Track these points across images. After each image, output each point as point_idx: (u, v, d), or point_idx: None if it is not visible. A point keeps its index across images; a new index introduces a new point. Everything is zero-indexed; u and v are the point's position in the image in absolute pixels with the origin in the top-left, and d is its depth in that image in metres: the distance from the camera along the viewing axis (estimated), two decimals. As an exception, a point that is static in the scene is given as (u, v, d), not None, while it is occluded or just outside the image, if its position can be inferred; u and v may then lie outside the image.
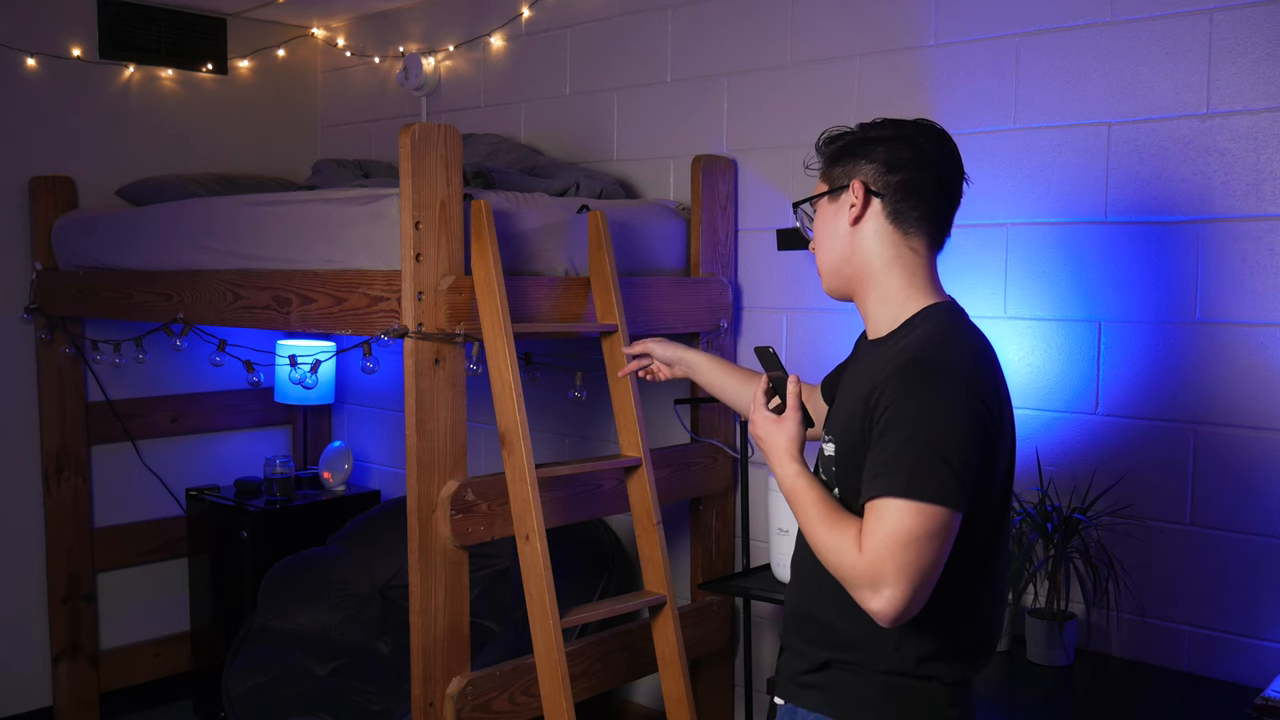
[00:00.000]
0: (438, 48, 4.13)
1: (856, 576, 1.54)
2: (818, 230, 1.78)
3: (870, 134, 1.73)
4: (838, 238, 1.73)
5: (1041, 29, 2.71)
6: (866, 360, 1.74)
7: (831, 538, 1.59)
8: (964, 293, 2.83)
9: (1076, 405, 2.69)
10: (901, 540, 1.51)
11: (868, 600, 1.54)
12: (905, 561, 1.51)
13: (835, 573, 1.60)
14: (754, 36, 3.25)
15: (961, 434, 1.54)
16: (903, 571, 1.51)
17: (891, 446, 1.54)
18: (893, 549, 1.51)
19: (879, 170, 1.70)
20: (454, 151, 2.57)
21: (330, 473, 4.17)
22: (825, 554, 1.61)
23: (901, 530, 1.51)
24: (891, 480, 1.53)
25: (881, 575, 1.51)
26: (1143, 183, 2.59)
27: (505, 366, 2.53)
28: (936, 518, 1.51)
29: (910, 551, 1.51)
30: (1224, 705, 2.37)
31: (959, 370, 1.58)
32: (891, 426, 1.55)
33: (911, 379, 1.57)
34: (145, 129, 4.14)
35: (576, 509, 2.83)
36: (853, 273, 1.74)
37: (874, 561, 1.52)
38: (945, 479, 1.52)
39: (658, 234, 3.14)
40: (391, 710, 3.34)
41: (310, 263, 2.86)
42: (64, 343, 3.88)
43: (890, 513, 1.52)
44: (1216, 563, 2.51)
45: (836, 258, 1.74)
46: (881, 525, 1.53)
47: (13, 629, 3.91)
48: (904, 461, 1.53)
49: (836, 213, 1.73)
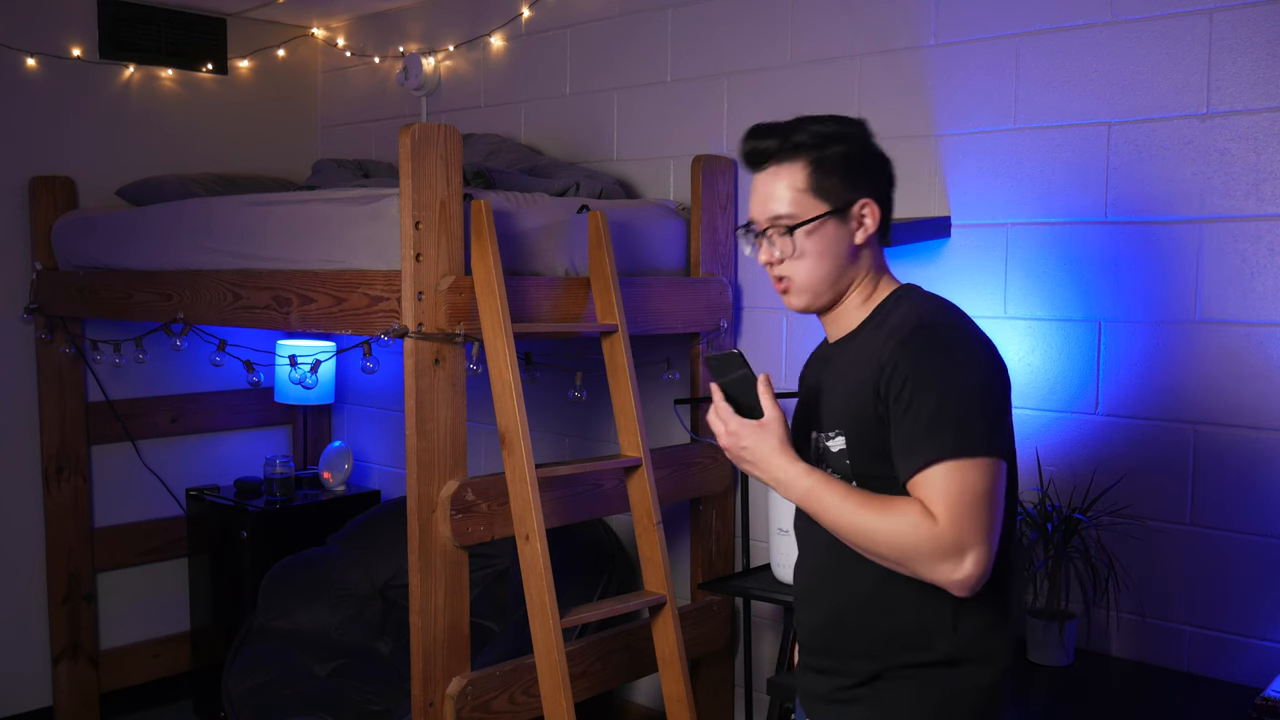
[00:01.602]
0: (438, 48, 4.13)
1: (938, 548, 1.49)
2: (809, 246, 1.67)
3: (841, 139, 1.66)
4: (837, 256, 1.67)
5: (1041, 29, 2.71)
6: (844, 356, 1.70)
7: (891, 520, 1.53)
8: (964, 292, 2.85)
9: (1076, 405, 2.69)
10: (973, 498, 1.49)
11: (950, 571, 1.49)
12: (981, 519, 1.49)
13: (901, 554, 1.52)
14: (754, 36, 3.25)
15: (987, 386, 1.55)
16: (982, 530, 1.49)
17: (926, 412, 1.52)
18: (969, 509, 1.49)
19: (871, 180, 1.67)
20: (454, 151, 2.57)
21: (330, 473, 4.17)
22: (888, 538, 1.53)
23: (969, 488, 1.49)
24: (940, 442, 1.50)
25: (964, 539, 1.48)
26: (1143, 183, 2.59)
27: (505, 366, 2.53)
28: (993, 469, 1.51)
29: (983, 508, 1.49)
30: (1224, 705, 2.37)
31: (966, 330, 1.60)
32: (919, 394, 1.53)
33: (924, 344, 1.55)
34: (145, 129, 4.14)
35: (576, 509, 2.83)
36: (842, 287, 1.70)
37: (954, 527, 1.48)
38: (988, 430, 1.52)
39: (658, 234, 3.14)
40: (391, 710, 3.34)
41: (310, 263, 2.86)
42: (64, 343, 3.88)
43: (952, 474, 1.50)
44: (1216, 563, 2.51)
45: (830, 274, 1.68)
46: (948, 488, 1.49)
47: (13, 629, 3.91)
48: (946, 422, 1.51)
49: (841, 231, 1.66)
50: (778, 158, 1.67)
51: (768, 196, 1.68)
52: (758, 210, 1.71)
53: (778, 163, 1.67)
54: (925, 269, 2.90)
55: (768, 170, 1.69)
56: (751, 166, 1.71)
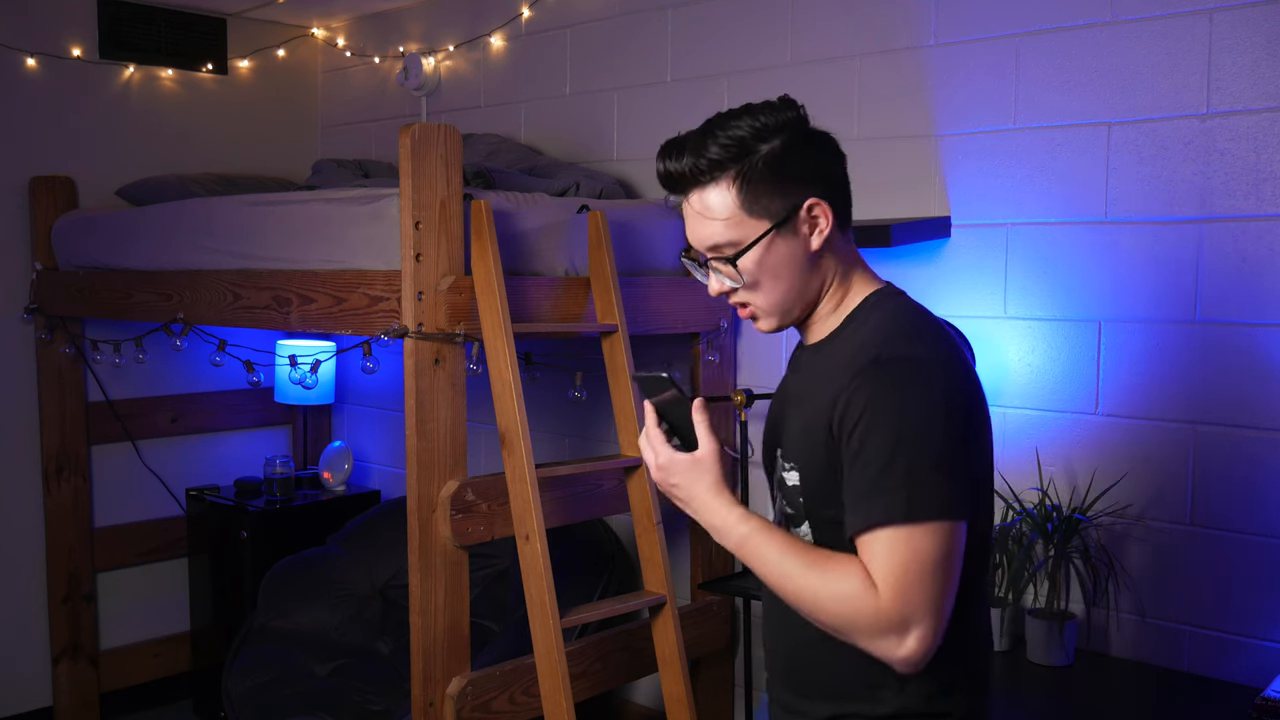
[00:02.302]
0: (438, 48, 4.13)
1: (878, 623, 1.33)
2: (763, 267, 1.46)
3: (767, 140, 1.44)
4: (796, 269, 1.47)
5: (1041, 29, 2.71)
6: (812, 368, 1.53)
7: (827, 584, 1.37)
8: (964, 293, 2.85)
9: (1076, 405, 2.69)
10: (920, 569, 1.32)
11: (893, 649, 1.34)
12: (930, 591, 1.32)
13: (837, 625, 1.37)
14: (754, 36, 3.25)
15: (948, 433, 1.36)
16: (930, 603, 1.32)
17: (877, 464, 1.34)
18: (915, 581, 1.32)
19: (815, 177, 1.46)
20: (454, 151, 2.57)
21: (330, 473, 4.17)
22: (820, 605, 1.38)
23: (917, 558, 1.32)
24: (888, 503, 1.33)
25: (908, 614, 1.32)
26: (1143, 183, 2.59)
27: (505, 366, 2.53)
28: (947, 535, 1.34)
29: (932, 578, 1.32)
30: (1224, 705, 2.37)
31: (927, 362, 1.40)
32: (871, 439, 1.35)
33: (880, 381, 1.37)
34: (145, 129, 4.14)
35: (576, 509, 2.83)
36: (811, 297, 1.50)
37: (898, 601, 1.32)
38: (945, 488, 1.34)
39: (658, 234, 3.13)
40: (391, 710, 3.34)
41: (310, 263, 2.86)
42: (64, 343, 3.88)
43: (898, 541, 1.33)
44: (1216, 563, 2.51)
45: (792, 291, 1.48)
46: (893, 558, 1.33)
47: (13, 629, 3.91)
48: (897, 478, 1.33)
49: (793, 242, 1.46)
50: (697, 182, 1.46)
51: (699, 225, 1.48)
52: (694, 238, 1.50)
53: (699, 187, 1.46)
54: (925, 269, 2.90)
55: (691, 196, 1.47)
56: (672, 191, 1.50)
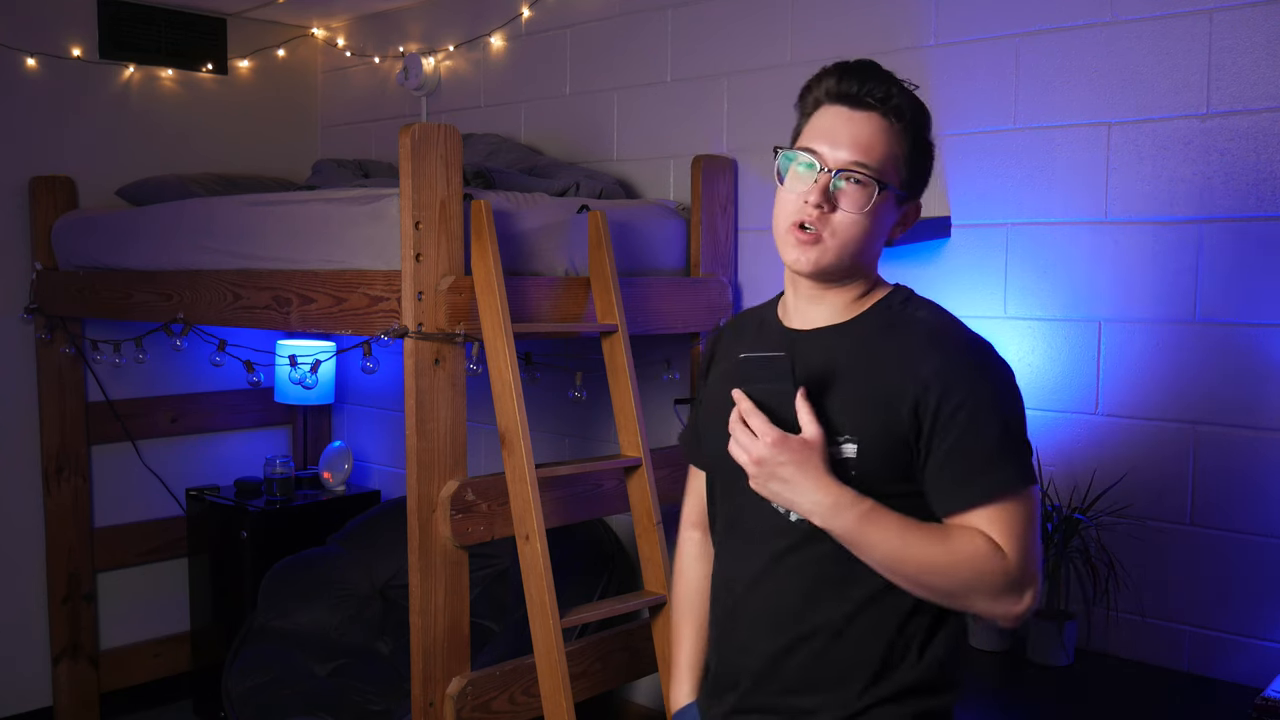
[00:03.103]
0: (438, 48, 4.13)
1: (1008, 583, 1.46)
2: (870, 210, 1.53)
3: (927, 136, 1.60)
4: (874, 238, 1.57)
5: (1041, 29, 2.71)
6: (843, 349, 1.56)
7: (952, 551, 1.46)
8: (964, 293, 2.85)
9: (1076, 405, 2.69)
10: (1035, 531, 1.50)
11: (1011, 605, 1.48)
12: (1039, 552, 1.51)
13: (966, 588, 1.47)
14: (754, 36, 3.25)
15: (1023, 408, 1.55)
16: (1038, 562, 1.50)
17: (990, 441, 1.48)
18: (1034, 542, 1.49)
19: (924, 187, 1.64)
20: (454, 151, 2.57)
21: (330, 473, 4.17)
22: (952, 571, 1.46)
23: (1033, 521, 1.49)
24: (1007, 475, 1.48)
25: (1030, 573, 1.48)
26: (1143, 183, 2.59)
27: (505, 366, 2.53)
28: (1038, 497, 1.52)
29: (1038, 540, 1.51)
30: (1224, 705, 2.37)
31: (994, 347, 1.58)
32: (980, 421, 1.48)
33: (979, 366, 1.52)
34: (145, 129, 4.14)
35: (576, 509, 2.83)
36: (855, 269, 1.58)
37: (1024, 561, 1.47)
38: (1031, 459, 1.53)
39: (658, 234, 3.13)
40: (391, 710, 3.34)
41: (310, 263, 2.86)
42: (64, 343, 3.88)
43: (1021, 508, 1.48)
44: (1216, 563, 2.51)
45: (862, 251, 1.56)
46: (1019, 522, 1.48)
47: (13, 629, 3.91)
48: (1010, 453, 1.49)
49: (892, 215, 1.59)
50: (884, 111, 1.53)
51: (861, 141, 1.52)
52: (838, 146, 1.53)
53: (883, 116, 1.53)
54: (925, 269, 2.90)
55: (866, 114, 1.53)
56: (847, 102, 1.54)
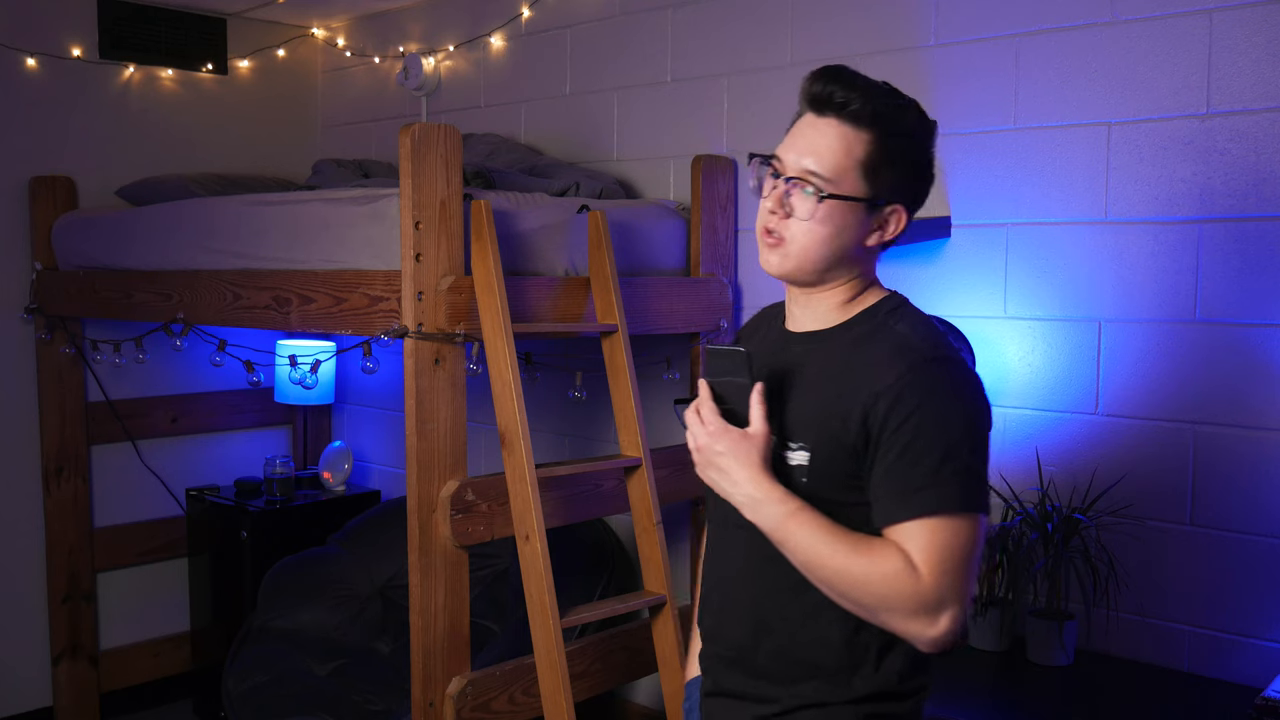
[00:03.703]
0: (438, 48, 4.13)
1: (917, 604, 1.42)
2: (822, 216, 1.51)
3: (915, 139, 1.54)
4: (845, 243, 1.53)
5: (1041, 29, 2.71)
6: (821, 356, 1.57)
7: (867, 564, 1.44)
8: (964, 293, 2.85)
9: (1076, 405, 2.69)
10: (963, 557, 1.43)
11: (925, 628, 1.43)
12: (965, 578, 1.44)
13: (877, 603, 1.44)
14: (754, 36, 3.25)
15: (983, 434, 1.49)
16: (963, 589, 1.44)
17: (932, 458, 1.43)
18: (955, 568, 1.43)
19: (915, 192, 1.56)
20: (454, 151, 2.57)
21: (330, 473, 4.17)
22: (864, 583, 1.44)
23: (963, 547, 1.43)
24: (943, 495, 1.43)
25: (945, 597, 1.42)
26: (1143, 183, 2.59)
27: (505, 366, 2.53)
28: (979, 528, 1.46)
29: (966, 568, 1.44)
30: (1224, 705, 2.37)
31: (969, 369, 1.53)
32: (925, 436, 1.44)
33: (935, 380, 1.46)
34: (145, 129, 4.13)
35: (576, 509, 2.83)
36: (833, 277, 1.57)
37: (939, 584, 1.42)
38: (982, 485, 1.47)
39: (658, 234, 3.14)
40: (391, 710, 3.34)
41: (310, 263, 2.86)
42: (64, 343, 3.88)
43: (948, 530, 1.43)
44: (1216, 563, 2.51)
45: (828, 259, 1.54)
46: (941, 544, 1.42)
47: (13, 629, 3.91)
48: (950, 473, 1.43)
49: (861, 222, 1.53)
50: (846, 115, 1.50)
51: (814, 147, 1.51)
52: (794, 154, 1.53)
53: (843, 121, 1.50)
54: (925, 269, 2.90)
55: (828, 120, 1.51)
56: (813, 107, 1.53)
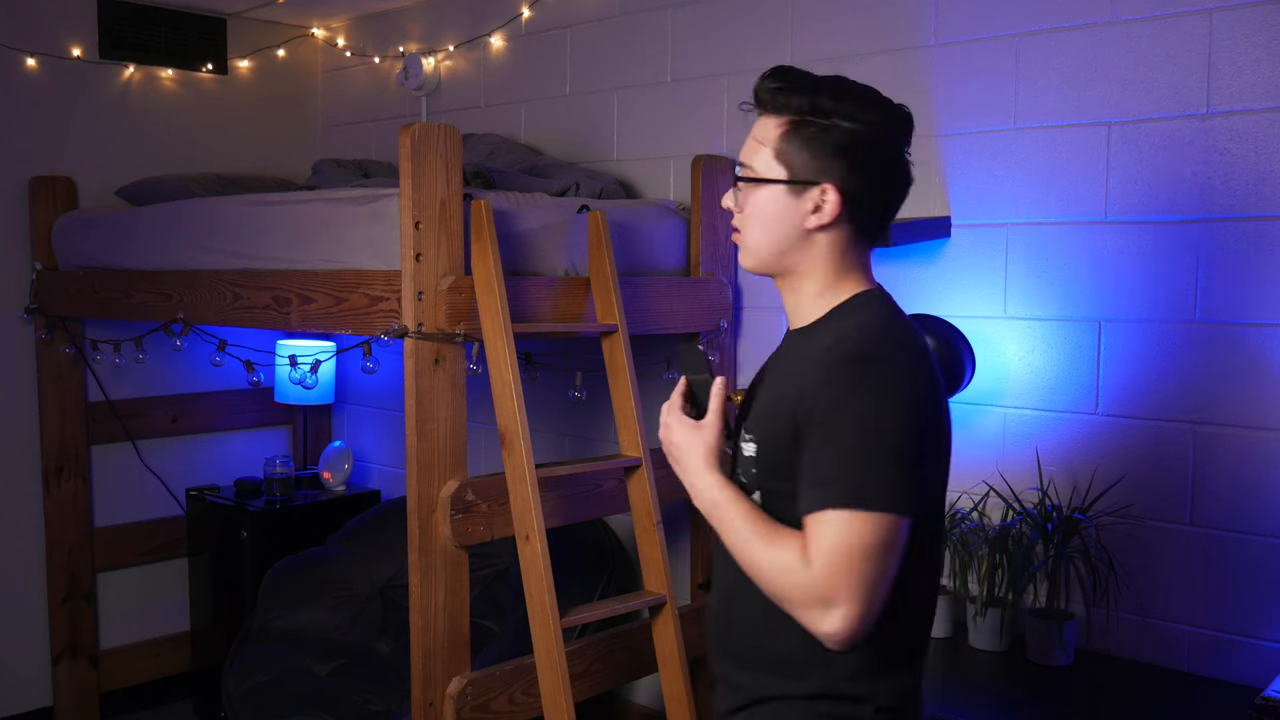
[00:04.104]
0: (438, 48, 4.13)
1: (804, 596, 1.43)
2: (759, 207, 1.58)
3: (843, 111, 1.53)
4: (785, 228, 1.56)
5: (1041, 29, 2.71)
6: (791, 352, 1.61)
7: (771, 555, 1.46)
8: (964, 293, 2.85)
9: (1076, 405, 2.69)
10: (854, 554, 1.40)
11: (817, 622, 1.42)
12: (859, 577, 1.40)
13: (775, 593, 1.47)
14: (754, 36, 3.25)
15: (906, 434, 1.43)
16: (857, 588, 1.40)
17: (835, 451, 1.43)
18: (845, 563, 1.40)
19: (850, 173, 1.53)
20: (454, 151, 2.57)
21: (330, 473, 4.17)
22: (764, 573, 1.48)
23: (854, 543, 1.40)
24: (839, 489, 1.41)
25: (832, 593, 1.40)
26: (1143, 183, 2.59)
27: (505, 366, 2.53)
28: (888, 527, 1.41)
29: (863, 565, 1.40)
30: (1224, 705, 2.37)
31: (900, 366, 1.47)
32: (832, 428, 1.43)
33: (851, 376, 1.45)
34: (145, 129, 4.13)
35: (576, 509, 2.83)
36: (790, 266, 1.59)
37: (825, 578, 1.40)
38: (894, 484, 1.42)
39: (658, 234, 3.13)
40: (391, 710, 3.34)
41: (310, 263, 2.86)
42: (64, 343, 3.88)
43: (840, 524, 1.40)
44: (1216, 563, 2.51)
45: (778, 246, 1.58)
46: (831, 538, 1.41)
47: (13, 629, 3.91)
48: (851, 468, 1.41)
49: (793, 204, 1.55)
50: (770, 107, 1.57)
51: (751, 144, 1.60)
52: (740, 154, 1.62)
53: (765, 112, 1.58)
54: (925, 269, 2.90)
55: (761, 117, 1.59)
56: (756, 108, 1.61)
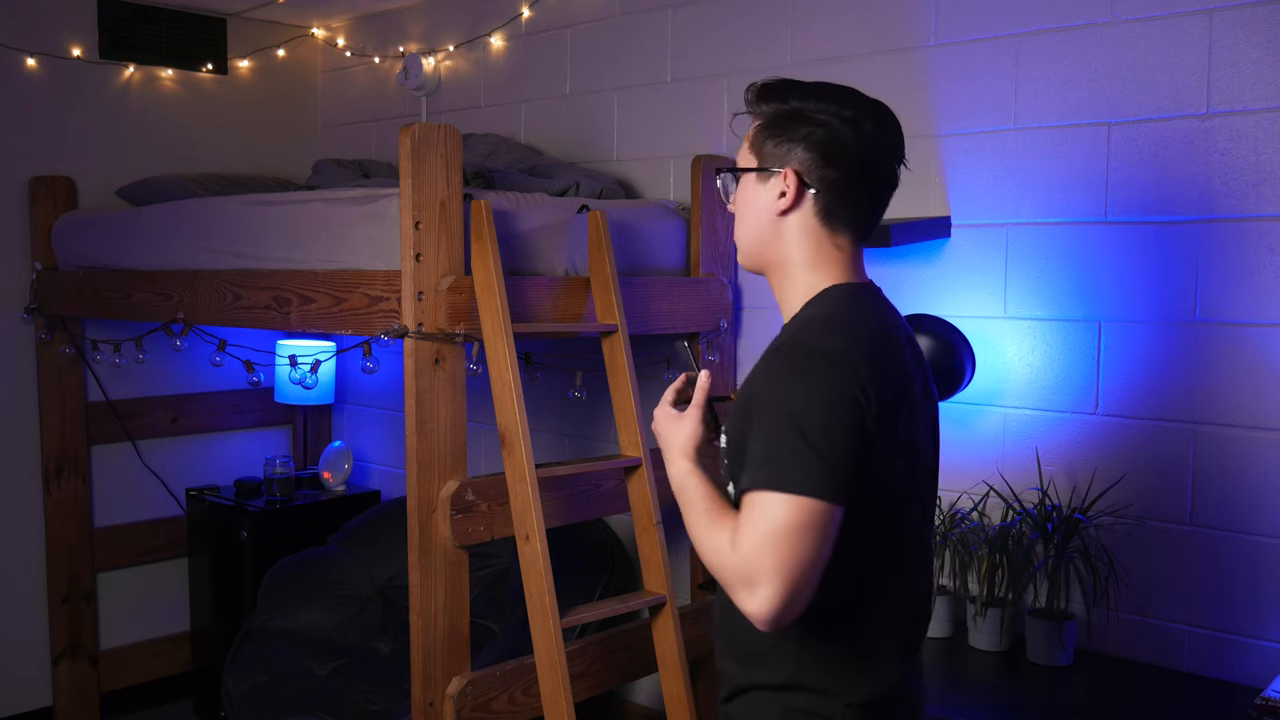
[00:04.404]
0: (438, 48, 4.13)
1: (731, 575, 1.46)
2: (740, 200, 1.66)
3: (810, 109, 1.57)
4: (760, 217, 1.63)
5: (1041, 29, 2.71)
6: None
7: (709, 536, 1.52)
8: (964, 293, 2.85)
9: (1076, 405, 2.69)
10: (773, 535, 1.42)
11: (744, 601, 1.45)
12: (776, 559, 1.42)
13: (715, 575, 1.52)
14: (754, 36, 3.25)
15: (832, 421, 1.44)
16: (775, 569, 1.42)
17: (763, 436, 1.47)
18: (765, 545, 1.42)
19: (815, 160, 1.57)
20: (454, 151, 2.57)
21: (330, 473, 4.17)
22: (705, 555, 1.53)
23: (773, 524, 1.42)
24: (763, 472, 1.45)
25: (754, 573, 1.43)
26: (1143, 183, 2.59)
27: (505, 366, 2.53)
28: (809, 510, 1.42)
29: (783, 547, 1.42)
30: (1224, 705, 2.37)
31: (829, 353, 1.48)
32: (761, 414, 1.48)
33: (778, 364, 1.51)
34: (145, 129, 4.14)
35: (576, 509, 2.83)
36: (772, 258, 1.65)
37: (746, 558, 1.44)
38: (813, 467, 1.43)
39: (658, 234, 3.14)
40: (391, 710, 3.34)
41: (310, 263, 2.86)
42: (64, 343, 3.88)
43: (761, 506, 1.44)
44: (1216, 563, 2.51)
45: (756, 236, 1.65)
46: (753, 520, 1.45)
47: (13, 629, 3.91)
48: (772, 451, 1.45)
49: (762, 192, 1.62)
50: (751, 109, 1.65)
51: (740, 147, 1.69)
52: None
53: (751, 118, 1.66)
54: (925, 269, 2.90)
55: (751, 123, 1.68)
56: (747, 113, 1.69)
